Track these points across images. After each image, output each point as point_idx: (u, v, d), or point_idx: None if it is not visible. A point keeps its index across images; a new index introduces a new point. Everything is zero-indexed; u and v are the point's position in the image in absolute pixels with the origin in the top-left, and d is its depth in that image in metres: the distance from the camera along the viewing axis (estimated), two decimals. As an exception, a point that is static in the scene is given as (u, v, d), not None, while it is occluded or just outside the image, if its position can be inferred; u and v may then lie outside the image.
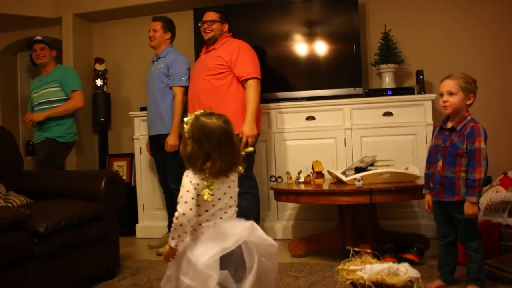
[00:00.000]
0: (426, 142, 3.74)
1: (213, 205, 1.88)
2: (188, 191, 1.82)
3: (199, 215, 1.87)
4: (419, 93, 3.90)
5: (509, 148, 3.86)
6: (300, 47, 4.19)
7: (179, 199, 1.82)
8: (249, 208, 3.44)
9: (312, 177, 3.51)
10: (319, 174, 3.51)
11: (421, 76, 3.93)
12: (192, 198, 1.81)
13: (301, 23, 4.22)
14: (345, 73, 4.11)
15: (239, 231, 1.84)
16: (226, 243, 1.80)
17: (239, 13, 4.13)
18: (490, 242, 2.88)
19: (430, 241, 3.33)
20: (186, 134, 1.87)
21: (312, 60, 4.19)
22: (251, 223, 1.91)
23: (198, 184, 1.83)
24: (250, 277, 1.81)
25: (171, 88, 3.75)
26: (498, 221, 3.10)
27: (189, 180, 1.84)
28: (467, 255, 2.51)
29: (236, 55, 3.48)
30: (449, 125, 2.51)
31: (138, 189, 4.32)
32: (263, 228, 3.13)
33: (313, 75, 4.19)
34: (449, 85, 2.50)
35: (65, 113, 3.98)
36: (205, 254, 1.78)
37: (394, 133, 3.82)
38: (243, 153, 2.00)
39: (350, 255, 2.49)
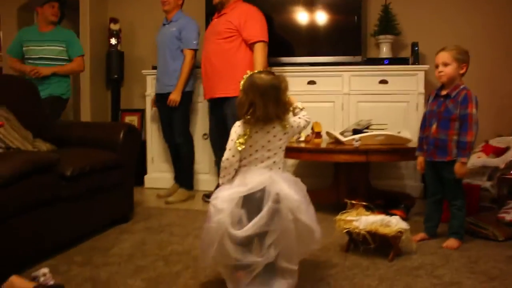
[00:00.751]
0: (417, 110, 3.83)
1: (250, 154, 1.96)
2: (232, 139, 1.95)
3: (240, 161, 1.97)
4: (413, 63, 3.95)
5: (491, 118, 3.94)
6: (304, 15, 4.19)
7: (226, 146, 1.96)
8: None
9: (311, 136, 3.59)
10: (318, 134, 3.59)
11: (416, 48, 3.97)
12: (238, 146, 1.92)
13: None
14: (345, 42, 4.13)
15: (259, 179, 1.89)
16: (243, 188, 1.88)
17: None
18: (470, 202, 3.00)
19: (415, 200, 3.47)
20: (240, 87, 1.95)
21: (315, 28, 4.19)
22: (274, 174, 1.93)
23: (242, 132, 1.94)
24: (256, 219, 1.82)
25: (182, 50, 3.77)
26: (478, 184, 3.23)
27: (234, 130, 1.97)
28: (450, 212, 2.64)
29: (244, 19, 3.50)
30: (444, 92, 2.59)
31: (148, 142, 4.39)
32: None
33: (315, 42, 4.21)
34: (444, 56, 2.57)
35: (69, 73, 4.00)
36: (223, 193, 1.90)
37: (388, 99, 3.89)
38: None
39: (347, 207, 2.61)
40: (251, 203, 1.87)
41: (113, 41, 4.69)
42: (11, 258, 2.15)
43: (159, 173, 4.37)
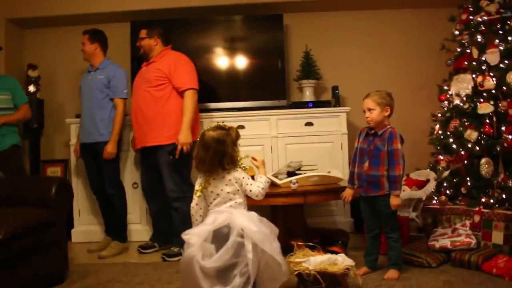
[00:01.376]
0: (341, 149, 4.07)
1: (214, 198, 2.34)
2: (196, 189, 2.36)
3: (208, 206, 2.36)
4: (334, 106, 4.21)
5: (408, 153, 4.23)
6: (230, 61, 4.36)
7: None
8: (188, 209, 3.49)
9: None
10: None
11: (337, 91, 4.25)
12: (197, 195, 2.37)
13: (232, 39, 4.37)
14: (270, 86, 4.33)
15: (223, 217, 2.22)
16: (209, 225, 2.21)
17: (173, 27, 4.13)
18: (401, 233, 3.19)
19: (349, 235, 3.63)
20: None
21: (240, 74, 4.37)
22: (235, 212, 2.28)
23: (201, 183, 2.35)
24: (221, 251, 2.12)
25: (111, 99, 3.71)
26: (406, 216, 3.47)
27: (197, 182, 2.38)
28: (388, 245, 2.82)
29: (174, 67, 3.52)
30: (373, 131, 2.81)
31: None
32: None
33: (241, 87, 4.38)
34: (367, 103, 2.82)
35: (17, 122, 3.83)
36: (193, 230, 2.26)
37: (314, 140, 4.08)
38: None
39: (294, 249, 2.67)
40: (220, 238, 2.17)
41: (31, 88, 4.47)
42: None
43: (86, 226, 4.15)
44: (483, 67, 3.41)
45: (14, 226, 2.39)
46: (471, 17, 3.62)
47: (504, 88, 3.26)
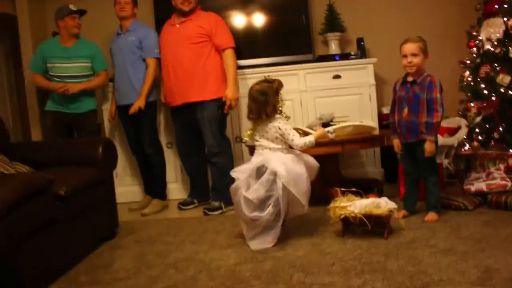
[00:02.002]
0: (370, 100, 4.11)
1: (257, 141, 2.79)
2: (244, 135, 3.07)
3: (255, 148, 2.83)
4: (360, 57, 4.23)
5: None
6: (255, 18, 4.36)
7: None
8: (227, 164, 3.63)
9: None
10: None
11: (362, 43, 4.26)
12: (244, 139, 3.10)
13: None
14: (296, 41, 4.34)
15: (259, 159, 2.71)
16: (250, 164, 2.72)
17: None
18: (437, 178, 3.30)
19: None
20: None
21: (267, 30, 4.37)
22: (270, 155, 2.71)
23: (249, 129, 2.85)
24: (255, 185, 2.61)
25: (143, 59, 3.76)
26: (439, 162, 3.54)
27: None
28: (426, 188, 2.91)
29: (215, 26, 3.60)
30: (410, 79, 2.85)
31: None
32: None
33: (267, 43, 4.38)
34: (412, 47, 2.83)
35: (95, 88, 3.94)
36: (240, 167, 2.80)
37: (343, 93, 4.12)
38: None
39: (333, 196, 2.79)
40: (260, 175, 2.64)
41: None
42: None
43: (124, 187, 4.28)
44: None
45: (73, 183, 2.52)
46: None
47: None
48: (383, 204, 2.62)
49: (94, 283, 2.31)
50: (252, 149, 3.63)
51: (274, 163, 2.61)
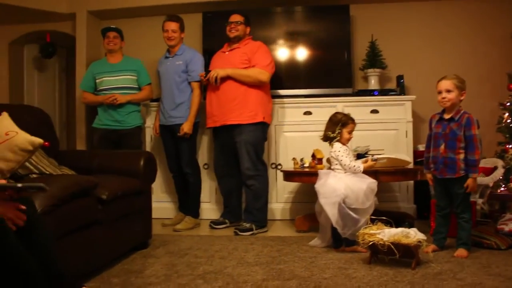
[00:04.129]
0: (406, 137, 4.17)
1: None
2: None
3: None
4: (399, 94, 4.31)
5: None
6: (301, 52, 4.56)
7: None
8: (262, 188, 3.75)
9: (313, 163, 3.82)
10: (320, 161, 3.82)
11: (402, 80, 4.34)
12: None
13: (300, 30, 4.58)
14: (337, 75, 4.49)
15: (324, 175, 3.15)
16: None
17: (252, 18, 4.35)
18: (470, 216, 3.29)
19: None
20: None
21: (311, 64, 4.55)
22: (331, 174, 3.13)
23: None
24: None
25: (189, 83, 3.96)
26: (473, 200, 3.53)
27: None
28: (459, 225, 2.91)
29: (256, 51, 3.81)
30: (447, 116, 2.90)
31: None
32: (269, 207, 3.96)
33: (310, 75, 4.55)
34: (446, 84, 2.90)
35: (141, 101, 4.18)
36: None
37: (379, 128, 4.20)
38: None
39: (368, 223, 2.83)
40: None
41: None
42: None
43: (159, 203, 4.43)
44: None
45: (115, 189, 2.67)
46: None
47: None
48: (412, 234, 2.64)
49: (125, 285, 2.41)
50: (288, 174, 3.75)
51: (331, 181, 3.11)
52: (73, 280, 1.95)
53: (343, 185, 3.00)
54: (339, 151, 3.12)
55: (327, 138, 3.21)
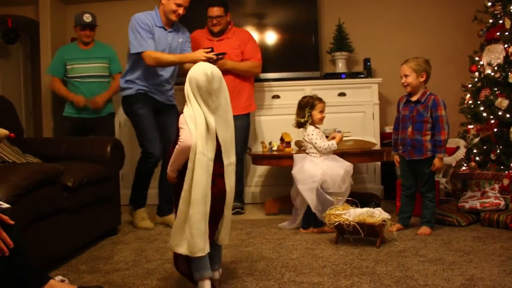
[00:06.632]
0: (373, 119, 4.23)
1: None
2: None
3: None
4: (366, 77, 4.36)
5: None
6: (269, 36, 4.56)
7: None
8: (241, 172, 3.93)
9: (282, 146, 3.85)
10: (288, 144, 3.86)
11: (368, 63, 4.40)
12: None
13: (267, 14, 4.58)
14: (305, 59, 4.51)
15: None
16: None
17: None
18: (433, 195, 3.38)
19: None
20: None
21: (278, 47, 4.56)
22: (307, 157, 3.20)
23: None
24: None
25: None
26: (437, 180, 3.63)
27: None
28: (423, 204, 3.00)
29: (247, 42, 3.89)
30: (414, 98, 2.96)
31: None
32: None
33: (277, 59, 4.55)
34: (404, 69, 2.97)
35: (115, 93, 4.03)
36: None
37: (347, 110, 4.25)
38: None
39: (334, 204, 2.89)
40: None
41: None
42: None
43: (128, 190, 4.37)
44: (516, 37, 3.53)
45: (81, 176, 2.64)
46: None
47: (536, 57, 3.38)
48: (377, 214, 2.71)
49: (93, 272, 2.41)
50: (257, 158, 3.78)
51: (307, 166, 3.16)
52: (41, 272, 1.92)
53: (320, 170, 3.05)
54: (312, 134, 3.15)
55: (299, 125, 3.24)
